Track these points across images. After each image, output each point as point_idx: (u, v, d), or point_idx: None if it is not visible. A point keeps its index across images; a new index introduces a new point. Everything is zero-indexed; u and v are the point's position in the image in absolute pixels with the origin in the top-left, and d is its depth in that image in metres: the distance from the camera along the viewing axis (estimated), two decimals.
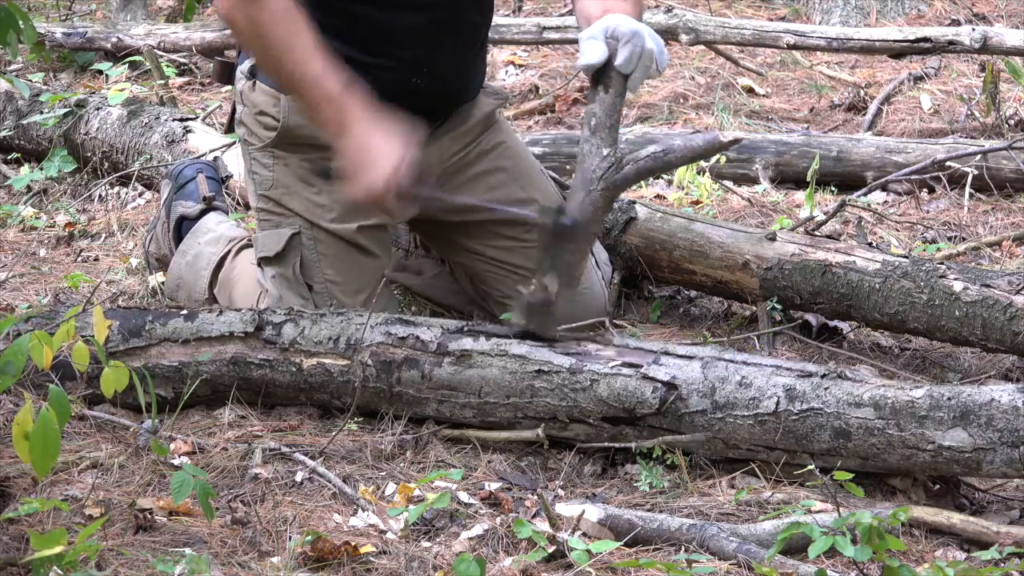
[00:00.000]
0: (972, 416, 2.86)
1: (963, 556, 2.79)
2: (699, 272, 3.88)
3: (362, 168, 3.28)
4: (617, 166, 3.25)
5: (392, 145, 3.28)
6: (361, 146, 3.29)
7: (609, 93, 3.30)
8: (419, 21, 3.51)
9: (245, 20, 3.32)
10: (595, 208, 3.24)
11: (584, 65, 3.30)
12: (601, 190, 3.24)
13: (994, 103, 5.40)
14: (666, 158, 3.30)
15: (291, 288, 3.59)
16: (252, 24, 3.32)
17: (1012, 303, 3.47)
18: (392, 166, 3.27)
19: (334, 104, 3.30)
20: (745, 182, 4.97)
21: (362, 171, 3.28)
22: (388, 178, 3.27)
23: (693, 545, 2.77)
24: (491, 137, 3.75)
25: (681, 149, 3.29)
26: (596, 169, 3.24)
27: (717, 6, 7.07)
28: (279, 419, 3.32)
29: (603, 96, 3.30)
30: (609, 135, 3.27)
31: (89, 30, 6.45)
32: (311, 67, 3.30)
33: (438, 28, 3.53)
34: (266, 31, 3.31)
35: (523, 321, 3.19)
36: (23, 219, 4.75)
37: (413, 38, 3.52)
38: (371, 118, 3.29)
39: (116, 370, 2.57)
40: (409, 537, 2.85)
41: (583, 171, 3.25)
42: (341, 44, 3.50)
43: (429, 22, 3.52)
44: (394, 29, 3.51)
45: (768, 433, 3.00)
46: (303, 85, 3.32)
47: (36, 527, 2.76)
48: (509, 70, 6.31)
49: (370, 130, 3.30)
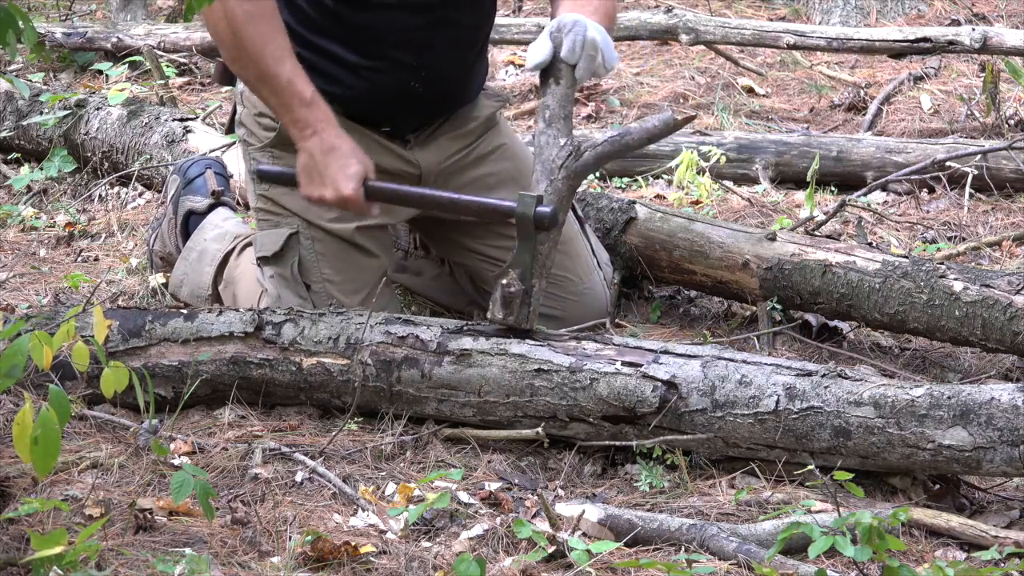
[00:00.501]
0: (972, 415, 2.86)
1: (963, 556, 2.79)
2: (699, 272, 3.88)
3: (331, 168, 3.36)
4: (576, 153, 3.32)
5: (358, 149, 3.38)
6: (331, 147, 3.37)
7: (560, 84, 3.38)
8: (415, 23, 3.51)
9: (222, 14, 3.37)
10: (559, 197, 3.29)
11: (531, 66, 3.40)
12: (563, 178, 3.30)
13: (994, 103, 5.40)
14: (623, 141, 3.37)
15: (289, 287, 3.59)
16: (229, 19, 3.37)
17: (1012, 303, 3.47)
18: (362, 168, 3.36)
19: (306, 105, 3.38)
20: (745, 182, 4.97)
21: (331, 171, 3.36)
22: (358, 179, 3.35)
23: (693, 545, 2.77)
24: (491, 139, 3.75)
25: (638, 131, 3.37)
26: (556, 158, 3.30)
27: (717, 6, 7.07)
28: (279, 419, 3.32)
29: (554, 88, 3.38)
30: (564, 125, 3.34)
31: (89, 30, 6.45)
32: (285, 67, 3.37)
33: (434, 30, 3.53)
34: (242, 28, 3.36)
35: (500, 315, 3.20)
36: (23, 219, 4.75)
37: (408, 40, 3.52)
38: (335, 123, 3.39)
39: (116, 370, 2.57)
40: (409, 537, 2.85)
41: (543, 162, 3.31)
42: (337, 46, 3.51)
43: (425, 24, 3.52)
44: (389, 31, 3.51)
45: (768, 432, 3.00)
46: (277, 83, 3.38)
47: (36, 527, 2.76)
48: (509, 70, 6.31)
49: (339, 133, 3.39)
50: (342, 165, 3.37)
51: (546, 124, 3.34)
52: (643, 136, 3.37)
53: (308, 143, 3.39)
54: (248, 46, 3.38)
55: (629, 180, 5.03)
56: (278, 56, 3.38)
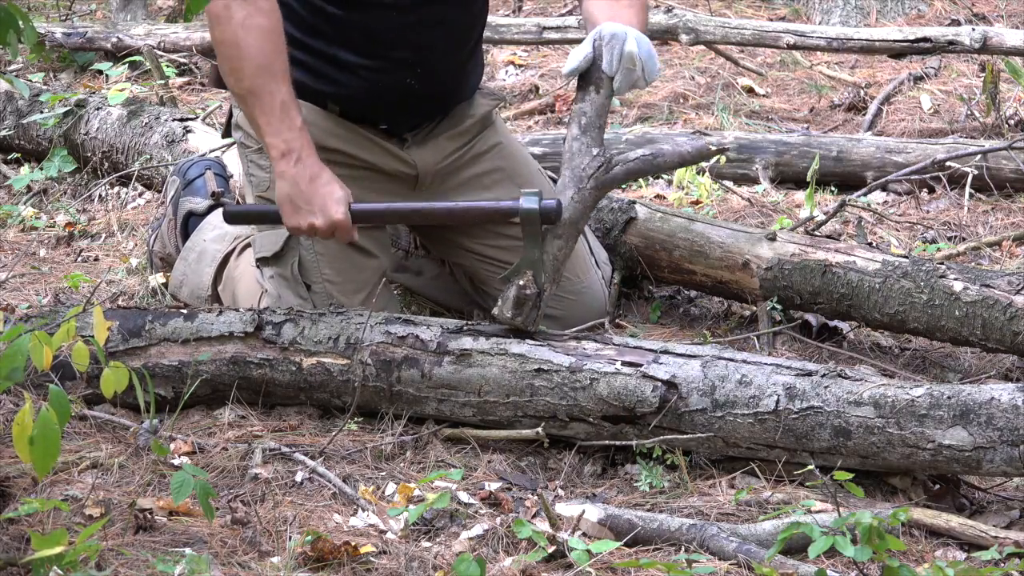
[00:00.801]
0: (972, 415, 2.86)
1: (963, 556, 2.79)
2: (699, 272, 3.88)
3: (318, 195, 3.34)
4: (607, 166, 3.33)
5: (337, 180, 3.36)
6: (315, 175, 3.35)
7: (600, 94, 3.41)
8: (408, 21, 3.52)
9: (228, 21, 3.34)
10: (584, 206, 3.31)
11: (568, 71, 3.42)
12: (591, 188, 3.31)
13: (994, 103, 5.40)
14: (655, 161, 3.40)
15: (289, 288, 3.59)
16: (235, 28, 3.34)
17: (1012, 303, 3.47)
18: (345, 193, 3.35)
19: (295, 131, 3.35)
20: (745, 182, 4.97)
21: (319, 198, 3.34)
22: (345, 203, 3.34)
23: (693, 545, 2.77)
24: (487, 138, 3.75)
25: (670, 154, 3.41)
26: (587, 168, 3.32)
27: (717, 6, 7.07)
28: (279, 419, 3.32)
29: (593, 96, 3.39)
30: (598, 135, 3.37)
31: (89, 30, 6.45)
32: (283, 89, 3.35)
33: (427, 28, 3.54)
34: (245, 40, 3.34)
35: (509, 314, 3.20)
36: (23, 219, 4.75)
37: (402, 38, 3.52)
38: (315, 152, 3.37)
39: (116, 370, 2.57)
40: (409, 537, 2.85)
41: (573, 168, 3.32)
42: (332, 46, 3.51)
43: (417, 22, 3.52)
44: (382, 29, 3.51)
45: (768, 432, 3.00)
46: (271, 103, 3.34)
47: (36, 527, 2.76)
48: (509, 70, 6.31)
49: (319, 161, 3.37)
50: (329, 191, 3.35)
51: (580, 131, 3.36)
52: (675, 159, 3.42)
53: (292, 170, 3.35)
54: (250, 59, 3.35)
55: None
56: (278, 76, 3.35)
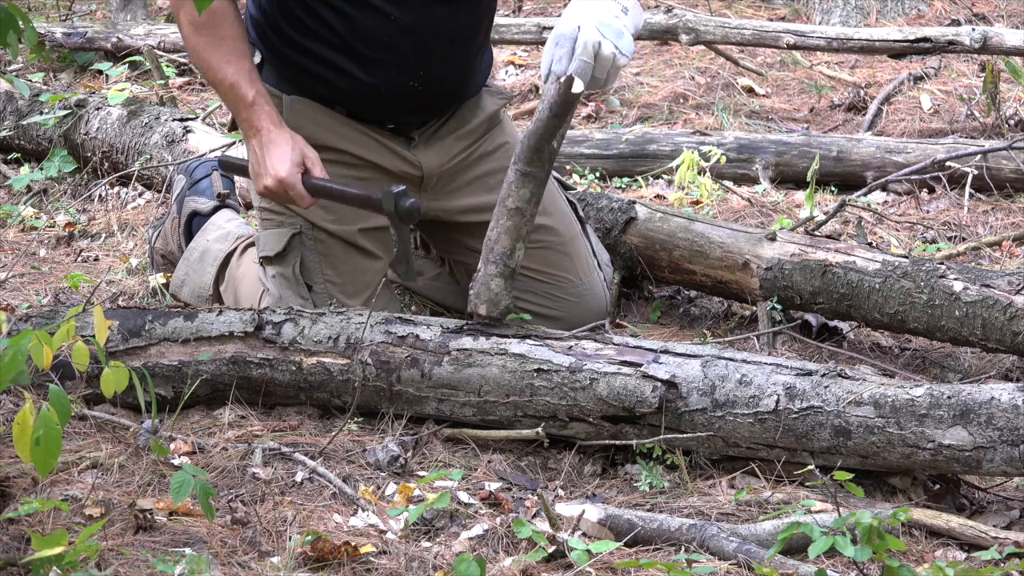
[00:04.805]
0: (972, 415, 2.86)
1: (963, 556, 2.79)
2: (699, 272, 3.88)
3: (269, 158, 3.45)
4: None
5: (293, 140, 3.47)
6: (270, 141, 3.46)
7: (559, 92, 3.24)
8: (408, 21, 3.51)
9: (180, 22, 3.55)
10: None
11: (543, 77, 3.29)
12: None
13: (994, 103, 5.40)
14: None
15: (291, 288, 3.59)
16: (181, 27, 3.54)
17: (1012, 303, 3.47)
18: (298, 153, 3.45)
19: (248, 107, 3.48)
20: (745, 182, 4.97)
21: (270, 160, 3.45)
22: (293, 163, 3.44)
23: (693, 545, 2.77)
24: (494, 138, 3.75)
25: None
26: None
27: (717, 6, 7.07)
28: (279, 419, 3.32)
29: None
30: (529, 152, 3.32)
31: (89, 30, 6.45)
32: (228, 71, 3.49)
33: (430, 28, 3.53)
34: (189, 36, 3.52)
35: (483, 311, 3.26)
36: (23, 219, 4.75)
37: (405, 39, 3.52)
38: (277, 121, 3.49)
39: (116, 370, 2.57)
40: (409, 537, 2.85)
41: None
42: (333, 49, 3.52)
43: (420, 22, 3.52)
44: (383, 31, 3.51)
45: (768, 431, 3.00)
46: (222, 87, 3.52)
47: (36, 527, 2.76)
48: (509, 70, 6.31)
49: (281, 130, 3.48)
50: (280, 153, 3.46)
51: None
52: None
53: (252, 141, 3.49)
54: (196, 52, 3.53)
55: (629, 180, 5.03)
56: (223, 61, 3.49)
